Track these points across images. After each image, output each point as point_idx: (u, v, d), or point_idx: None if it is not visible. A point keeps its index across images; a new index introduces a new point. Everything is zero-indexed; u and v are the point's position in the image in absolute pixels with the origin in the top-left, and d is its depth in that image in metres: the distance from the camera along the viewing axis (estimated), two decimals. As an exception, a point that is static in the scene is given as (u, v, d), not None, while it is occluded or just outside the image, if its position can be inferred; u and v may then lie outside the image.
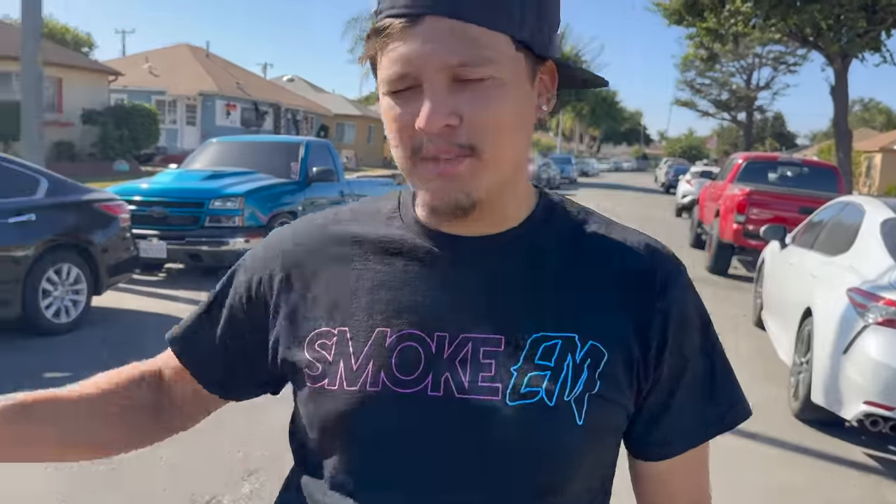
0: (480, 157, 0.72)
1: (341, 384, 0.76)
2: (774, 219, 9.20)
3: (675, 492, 0.87)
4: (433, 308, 0.77)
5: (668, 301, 0.80)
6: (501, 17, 0.70)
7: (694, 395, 0.82)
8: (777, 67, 48.80)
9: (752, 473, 3.85)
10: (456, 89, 0.70)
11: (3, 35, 20.78)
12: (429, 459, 0.74)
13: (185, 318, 0.94)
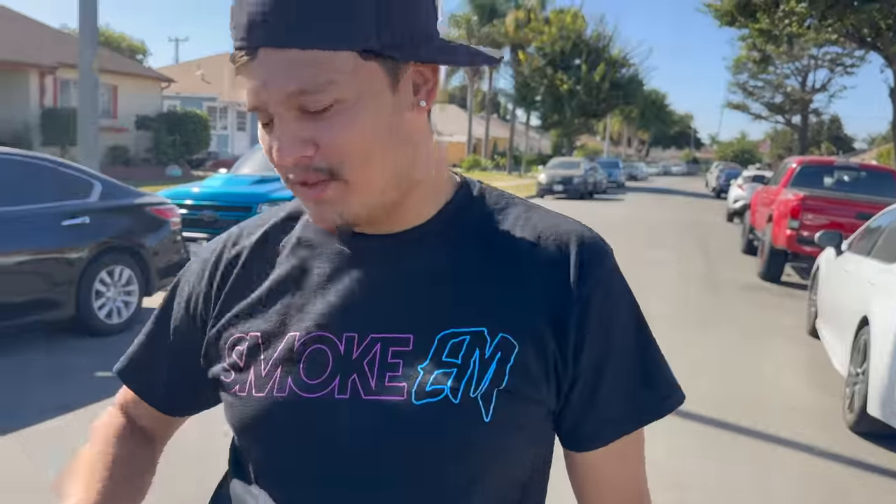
0: (344, 181, 0.70)
1: (250, 391, 0.76)
2: (830, 225, 8.92)
3: (610, 481, 0.83)
4: (342, 308, 0.75)
5: (587, 288, 0.76)
6: (336, 36, 0.65)
7: (622, 384, 0.78)
8: (833, 69, 47.36)
9: (806, 486, 3.72)
10: (308, 117, 0.68)
11: (62, 44, 21.53)
12: (338, 461, 0.73)
13: (131, 346, 0.94)
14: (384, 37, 0.67)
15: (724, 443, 4.23)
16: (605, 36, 36.21)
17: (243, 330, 0.79)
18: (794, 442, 4.32)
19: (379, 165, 0.70)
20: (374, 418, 0.72)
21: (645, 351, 0.81)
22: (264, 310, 0.79)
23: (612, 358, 0.77)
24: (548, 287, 0.75)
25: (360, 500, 0.73)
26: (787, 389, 5.35)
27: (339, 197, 0.70)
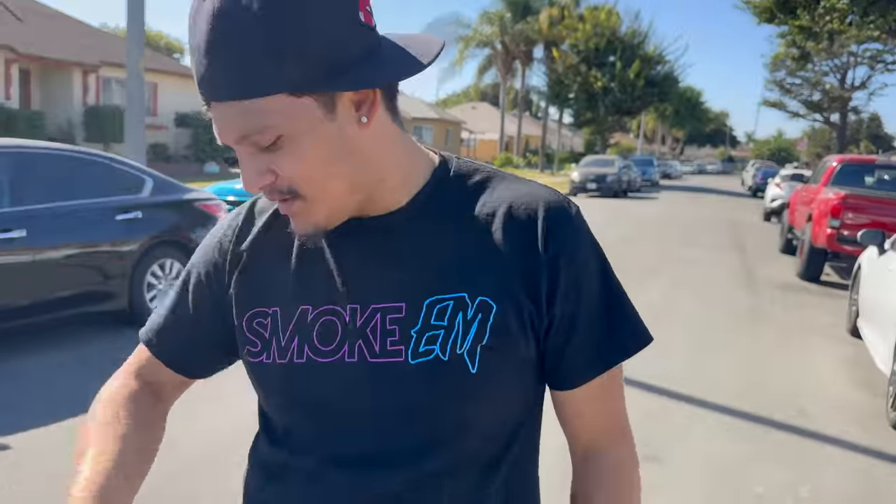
0: (304, 199, 0.80)
1: (273, 358, 0.88)
2: (871, 224, 8.80)
3: (590, 416, 0.92)
4: (345, 284, 0.86)
5: (554, 247, 0.84)
6: (260, 84, 0.72)
7: (592, 331, 0.87)
8: (874, 66, 46.39)
9: (852, 483, 3.74)
10: (262, 151, 0.76)
11: (104, 43, 22.02)
12: (352, 416, 0.84)
13: (152, 316, 1.03)
14: (306, 75, 0.72)
15: (773, 440, 4.25)
16: (641, 33, 35.89)
17: (261, 308, 0.90)
18: (840, 440, 4.32)
19: (331, 182, 0.79)
20: (378, 378, 0.83)
21: (611, 300, 0.89)
22: (278, 289, 0.89)
23: (581, 309, 0.86)
24: (520, 251, 0.84)
25: (371, 444, 0.84)
26: (829, 388, 5.33)
27: (304, 210, 0.81)
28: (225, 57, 0.71)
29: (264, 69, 0.71)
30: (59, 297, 5.15)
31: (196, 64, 0.74)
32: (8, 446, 3.56)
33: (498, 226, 0.86)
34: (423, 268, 0.85)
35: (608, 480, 0.91)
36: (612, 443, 0.93)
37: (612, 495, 0.90)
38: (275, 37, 0.70)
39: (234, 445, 3.71)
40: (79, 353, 5.14)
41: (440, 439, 0.84)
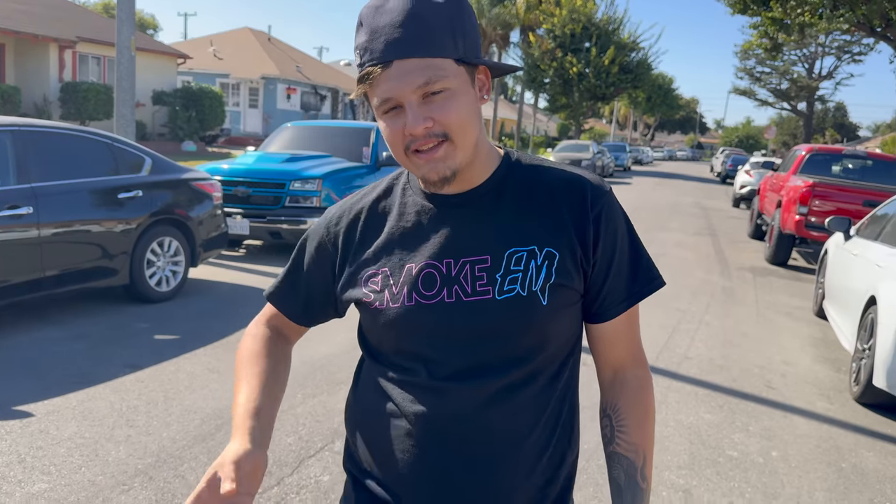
0: (452, 140, 1.07)
1: (388, 304, 1.15)
2: (837, 211, 9.23)
3: (618, 342, 1.22)
4: (440, 244, 1.14)
5: (596, 212, 1.15)
6: (441, 49, 1.03)
7: (622, 272, 1.18)
8: (841, 57, 47.36)
9: (817, 450, 4.08)
10: (426, 102, 1.04)
11: (81, 19, 21.68)
12: (452, 341, 1.12)
13: (276, 279, 1.34)
14: (465, 52, 1.07)
15: (746, 410, 4.59)
16: (616, 19, 36.13)
17: (375, 267, 1.18)
18: (807, 411, 4.68)
19: (470, 131, 1.09)
20: (472, 311, 1.11)
21: (636, 252, 1.21)
22: (387, 252, 1.18)
23: (616, 255, 1.17)
24: (572, 214, 1.15)
25: (468, 361, 1.12)
26: (797, 364, 5.70)
27: (448, 153, 1.08)
28: (420, 29, 1.03)
29: (444, 41, 1.04)
30: (64, 272, 5.29)
31: (387, 34, 1.03)
32: (31, 414, 3.74)
33: (556, 197, 1.16)
34: (501, 228, 1.14)
35: (633, 394, 1.21)
36: (634, 365, 1.24)
37: (636, 404, 1.21)
38: (452, 21, 1.05)
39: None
40: (87, 326, 5.30)
41: (519, 357, 1.13)
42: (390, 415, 1.17)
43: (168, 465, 3.29)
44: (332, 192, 8.29)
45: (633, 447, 1.18)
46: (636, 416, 1.19)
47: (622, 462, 1.18)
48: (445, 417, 1.12)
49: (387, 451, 1.18)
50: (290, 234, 8.13)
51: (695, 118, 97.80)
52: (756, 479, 3.64)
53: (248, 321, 5.59)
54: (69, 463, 3.25)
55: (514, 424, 1.13)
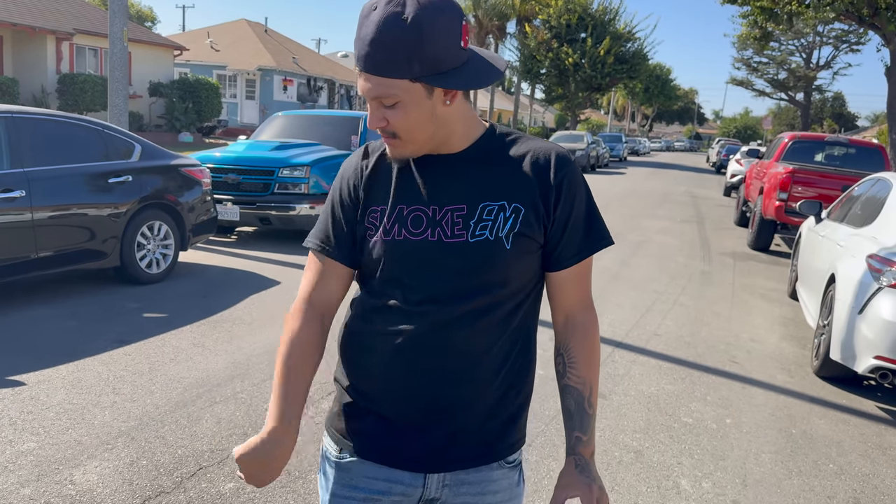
0: (400, 138, 1.32)
1: (381, 236, 1.37)
2: (817, 196, 9.42)
3: (571, 290, 1.45)
4: (428, 193, 1.36)
5: (559, 177, 1.38)
6: (395, 71, 1.23)
7: (577, 230, 1.41)
8: (839, 46, 47.41)
9: (770, 417, 4.30)
10: (382, 106, 1.28)
11: (79, 11, 21.81)
12: (432, 270, 1.34)
13: (315, 226, 1.50)
14: (422, 72, 1.25)
15: (707, 382, 4.80)
16: (611, 10, 36.19)
17: (374, 206, 1.41)
18: (766, 383, 4.89)
19: (418, 133, 1.32)
20: (449, 250, 1.34)
21: (591, 213, 1.43)
22: (384, 194, 1.40)
23: (573, 215, 1.40)
24: (538, 178, 1.37)
25: (445, 288, 1.35)
26: (764, 342, 5.91)
27: (399, 146, 1.34)
28: (379, 53, 1.23)
29: (400, 62, 1.24)
30: (56, 253, 5.50)
31: (360, 48, 1.26)
32: (23, 383, 3.96)
33: (526, 162, 1.39)
34: (477, 185, 1.37)
35: (581, 334, 1.44)
36: (583, 310, 1.46)
37: (583, 343, 1.44)
38: (410, 46, 1.23)
39: (219, 384, 4.17)
40: (78, 306, 5.51)
41: (485, 289, 1.35)
42: (369, 334, 1.40)
43: (150, 427, 3.51)
44: (320, 179, 8.49)
45: (581, 380, 1.42)
46: (584, 353, 1.42)
47: (573, 393, 1.42)
48: (414, 335, 1.34)
49: (366, 365, 1.40)
50: (279, 220, 8.33)
51: (693, 109, 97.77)
52: (707, 442, 3.86)
53: (234, 301, 5.85)
54: (57, 425, 3.47)
55: (473, 344, 1.35)
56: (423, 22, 1.21)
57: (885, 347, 4.32)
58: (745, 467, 3.60)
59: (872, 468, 3.75)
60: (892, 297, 4.37)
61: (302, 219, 8.34)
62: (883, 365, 4.35)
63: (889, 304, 4.37)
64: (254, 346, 4.79)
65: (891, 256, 4.51)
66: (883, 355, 4.33)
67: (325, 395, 4.04)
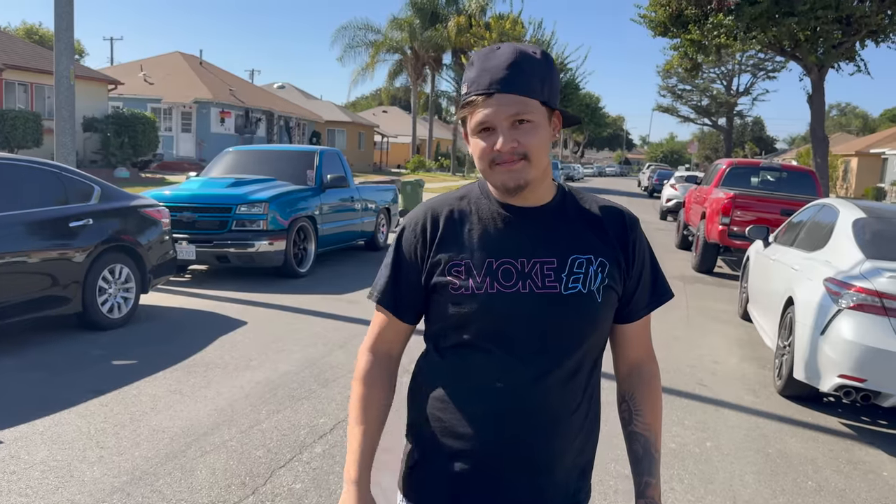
0: (529, 160, 1.35)
1: (473, 291, 1.39)
2: (757, 220, 9.87)
3: (638, 342, 1.55)
4: (515, 246, 1.40)
5: (633, 234, 1.48)
6: (532, 91, 1.33)
7: (646, 284, 1.51)
8: (756, 73, 49.84)
9: (745, 437, 4.47)
10: (513, 128, 1.33)
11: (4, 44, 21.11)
12: (525, 325, 1.38)
13: (378, 281, 1.53)
14: (548, 97, 1.37)
15: (681, 406, 4.96)
16: (544, 41, 37.17)
17: (457, 258, 1.42)
18: (735, 405, 5.09)
19: (543, 156, 1.38)
20: (543, 302, 1.39)
21: (657, 268, 1.54)
22: (468, 247, 1.42)
23: (644, 270, 1.50)
24: (616, 234, 1.46)
25: (538, 342, 1.39)
26: (725, 363, 6.14)
27: (524, 168, 1.36)
28: (519, 74, 1.34)
29: (535, 86, 1.35)
30: (16, 302, 5.30)
31: (493, 74, 1.34)
32: (0, 440, 3.80)
33: (603, 219, 1.47)
34: (564, 238, 1.43)
35: (646, 384, 1.54)
36: (649, 359, 1.57)
37: (649, 392, 1.54)
38: (542, 73, 1.36)
39: (212, 428, 4.10)
40: (42, 354, 5.31)
41: (575, 342, 1.41)
42: (455, 390, 1.42)
43: (144, 481, 3.42)
44: (278, 214, 8.44)
45: (647, 427, 1.51)
46: (650, 402, 1.52)
47: (640, 439, 1.51)
48: (509, 389, 1.37)
49: (461, 421, 1.41)
50: (238, 257, 8.23)
51: (622, 135, 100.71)
52: (693, 466, 3.99)
53: (203, 344, 5.74)
54: (45, 485, 3.34)
55: (567, 401, 1.41)
56: (549, 58, 1.40)
57: (847, 366, 4.56)
58: (732, 489, 3.74)
59: (847, 483, 3.95)
60: (851, 318, 4.63)
61: (261, 255, 8.26)
62: (846, 383, 4.58)
63: (849, 324, 4.62)
64: (233, 390, 4.71)
65: (847, 280, 4.78)
66: (846, 374, 4.57)
67: (316, 438, 4.01)
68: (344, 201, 10.08)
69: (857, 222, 5.50)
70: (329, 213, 9.62)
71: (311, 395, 4.67)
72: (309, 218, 9.07)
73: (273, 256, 8.37)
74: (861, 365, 4.50)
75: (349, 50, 38.48)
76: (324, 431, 4.10)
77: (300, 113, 38.20)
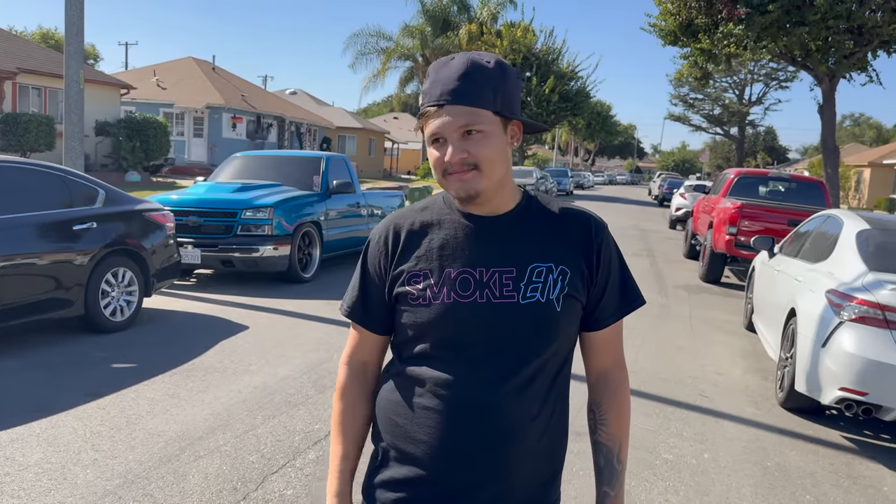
0: (480, 170, 1.34)
1: (430, 300, 1.39)
2: (764, 230, 9.81)
3: (606, 350, 1.52)
4: (474, 255, 1.40)
5: (598, 240, 1.46)
6: (482, 101, 1.33)
7: (614, 291, 1.49)
8: (769, 83, 49.69)
9: (744, 450, 4.43)
10: (464, 138, 1.33)
11: (18, 48, 21.33)
12: (481, 335, 1.37)
13: (348, 294, 1.54)
14: (503, 106, 1.36)
15: (681, 417, 4.92)
16: (555, 50, 37.20)
17: (417, 269, 1.43)
18: (736, 416, 5.04)
19: (496, 166, 1.37)
20: (500, 312, 1.38)
21: (626, 275, 1.52)
22: (427, 259, 1.43)
23: (611, 277, 1.48)
24: (580, 242, 1.45)
25: (494, 351, 1.37)
26: (728, 375, 6.10)
27: (475, 178, 1.36)
28: (468, 85, 1.34)
29: (487, 94, 1.35)
30: (20, 304, 5.33)
31: (444, 84, 1.35)
32: (-6, 441, 3.81)
33: (566, 226, 1.46)
34: (524, 247, 1.42)
35: (612, 392, 1.51)
36: (617, 368, 1.53)
37: (614, 401, 1.51)
38: (495, 81, 1.36)
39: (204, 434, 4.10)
40: (44, 356, 5.34)
41: (533, 352, 1.39)
42: (414, 399, 1.42)
43: (136, 485, 3.42)
44: (283, 220, 8.47)
45: (610, 437, 1.49)
46: (614, 411, 1.50)
47: (602, 449, 1.49)
48: (465, 398, 1.36)
49: (411, 429, 1.41)
50: (242, 262, 8.25)
51: (633, 143, 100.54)
52: (689, 478, 3.95)
53: (204, 349, 5.75)
54: (38, 487, 3.35)
55: (525, 409, 1.38)
56: (504, 66, 1.39)
57: (849, 379, 4.51)
58: (728, 502, 3.71)
59: (846, 498, 3.90)
60: (853, 330, 4.58)
61: (265, 260, 8.28)
62: (848, 396, 4.53)
63: (851, 337, 4.57)
64: (230, 394, 4.72)
65: (850, 292, 4.74)
66: (847, 387, 4.52)
67: (310, 444, 4.01)
68: (350, 207, 10.09)
69: (860, 234, 5.45)
70: (334, 219, 9.63)
71: (307, 401, 4.67)
72: (314, 223, 9.09)
73: (277, 261, 8.39)
74: (862, 378, 4.45)
75: (361, 57, 38.69)
76: (318, 437, 4.10)
77: (311, 119, 38.37)
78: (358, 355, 1.54)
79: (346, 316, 1.54)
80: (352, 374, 1.54)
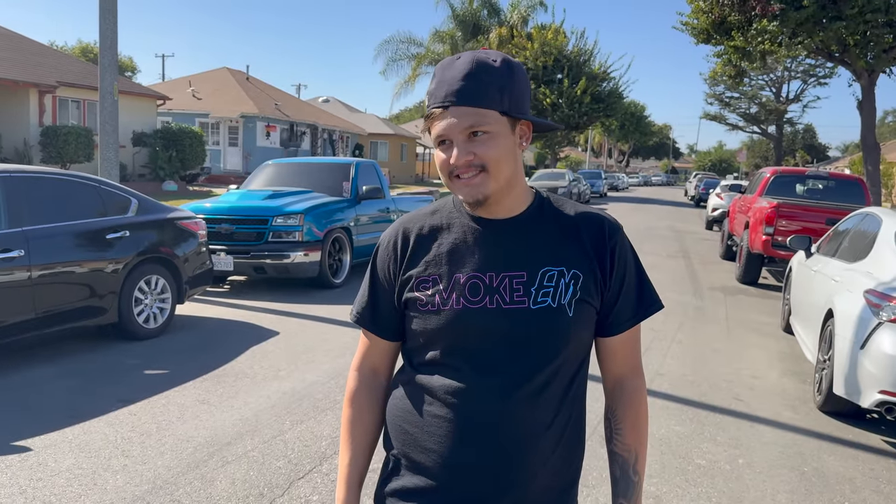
0: (488, 172, 1.30)
1: (439, 306, 1.36)
2: (802, 230, 9.59)
3: (622, 357, 1.46)
4: (484, 259, 1.36)
5: (612, 243, 1.40)
6: (488, 102, 1.29)
7: (630, 295, 1.43)
8: (807, 80, 48.62)
9: (780, 455, 4.32)
10: (470, 140, 1.29)
11: (61, 63, 21.88)
12: (491, 342, 1.33)
13: (358, 300, 1.52)
14: (510, 106, 1.32)
15: (714, 421, 4.82)
16: (586, 51, 36.93)
17: (426, 274, 1.40)
18: (772, 421, 4.92)
19: (503, 167, 1.33)
20: (510, 317, 1.33)
21: (642, 278, 1.46)
22: (437, 262, 1.39)
23: (626, 281, 1.42)
24: (593, 245, 1.39)
25: (505, 358, 1.33)
26: (764, 378, 5.96)
27: (483, 181, 1.32)
28: (475, 82, 1.30)
29: (493, 94, 1.31)
30: (55, 312, 5.44)
31: (450, 85, 1.31)
32: (29, 448, 3.88)
33: (579, 229, 1.41)
34: (536, 250, 1.38)
35: (628, 400, 1.45)
36: (633, 375, 1.47)
37: (630, 409, 1.45)
38: (502, 81, 1.32)
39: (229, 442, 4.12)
40: (78, 364, 5.44)
41: (545, 358, 1.34)
42: (425, 407, 1.38)
43: (164, 490, 3.46)
44: (313, 226, 8.52)
45: (626, 447, 1.43)
46: (630, 420, 1.43)
47: (618, 459, 1.44)
48: (476, 407, 1.32)
49: (421, 438, 1.37)
50: (274, 268, 8.32)
51: (668, 144, 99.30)
52: (723, 484, 3.86)
53: (235, 354, 5.80)
54: (69, 492, 3.40)
55: (538, 417, 1.33)
56: (511, 65, 1.34)
57: (889, 382, 4.37)
58: (763, 509, 3.61)
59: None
60: (892, 331, 4.44)
61: (296, 266, 8.34)
62: (888, 399, 4.39)
63: (890, 338, 4.43)
64: (259, 400, 4.75)
65: (889, 291, 4.59)
66: (887, 389, 4.38)
67: (337, 449, 4.01)
68: (380, 212, 10.12)
69: (900, 232, 5.28)
70: (365, 224, 9.67)
71: (335, 406, 4.68)
72: (344, 229, 9.14)
73: (308, 267, 8.45)
74: (903, 380, 4.31)
75: (392, 63, 38.79)
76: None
77: (344, 126, 38.65)
78: (368, 361, 1.52)
79: (356, 322, 1.52)
80: (361, 380, 1.52)
